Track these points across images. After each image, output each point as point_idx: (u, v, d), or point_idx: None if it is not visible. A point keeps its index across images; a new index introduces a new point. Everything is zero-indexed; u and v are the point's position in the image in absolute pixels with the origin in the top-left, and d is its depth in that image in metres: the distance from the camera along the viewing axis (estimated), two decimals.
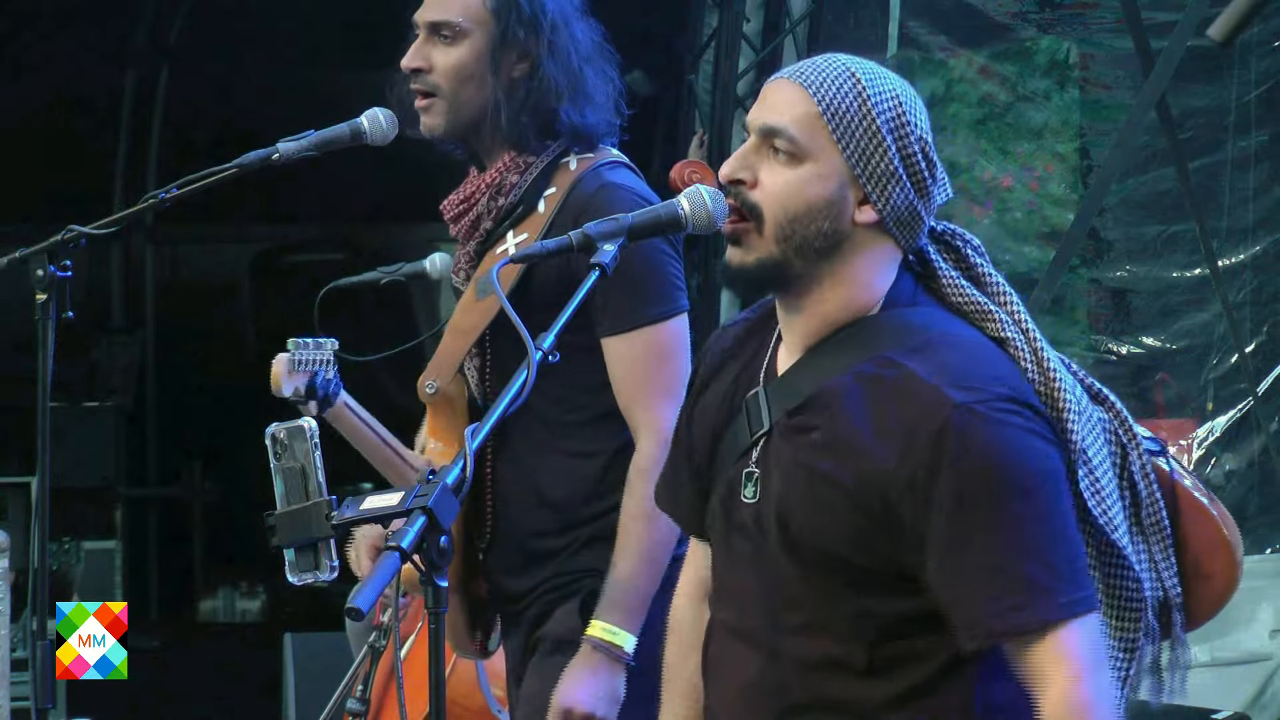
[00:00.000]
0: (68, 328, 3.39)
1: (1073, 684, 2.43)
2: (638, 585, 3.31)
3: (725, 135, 8.15)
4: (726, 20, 8.21)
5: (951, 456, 2.44)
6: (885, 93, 2.57)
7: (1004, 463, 2.44)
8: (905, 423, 2.47)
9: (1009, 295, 2.62)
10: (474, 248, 3.47)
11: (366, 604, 2.31)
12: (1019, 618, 2.44)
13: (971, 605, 2.46)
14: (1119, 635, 2.57)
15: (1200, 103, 7.63)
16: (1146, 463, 2.62)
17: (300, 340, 3.38)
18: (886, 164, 2.55)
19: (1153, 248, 7.87)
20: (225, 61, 10.84)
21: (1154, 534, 2.61)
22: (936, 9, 8.02)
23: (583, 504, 3.40)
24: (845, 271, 2.58)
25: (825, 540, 2.53)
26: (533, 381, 2.57)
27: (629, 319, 3.35)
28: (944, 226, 2.67)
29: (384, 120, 3.47)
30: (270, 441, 2.91)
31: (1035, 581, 2.43)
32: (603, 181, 3.41)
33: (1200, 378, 7.54)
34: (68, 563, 9.21)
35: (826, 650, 2.55)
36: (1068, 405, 2.53)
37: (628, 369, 3.36)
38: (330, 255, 11.38)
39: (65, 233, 3.43)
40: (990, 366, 2.52)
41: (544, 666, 3.40)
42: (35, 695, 3.43)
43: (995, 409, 2.46)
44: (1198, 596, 2.64)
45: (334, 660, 5.47)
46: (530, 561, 3.43)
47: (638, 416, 3.36)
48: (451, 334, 3.47)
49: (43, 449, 3.55)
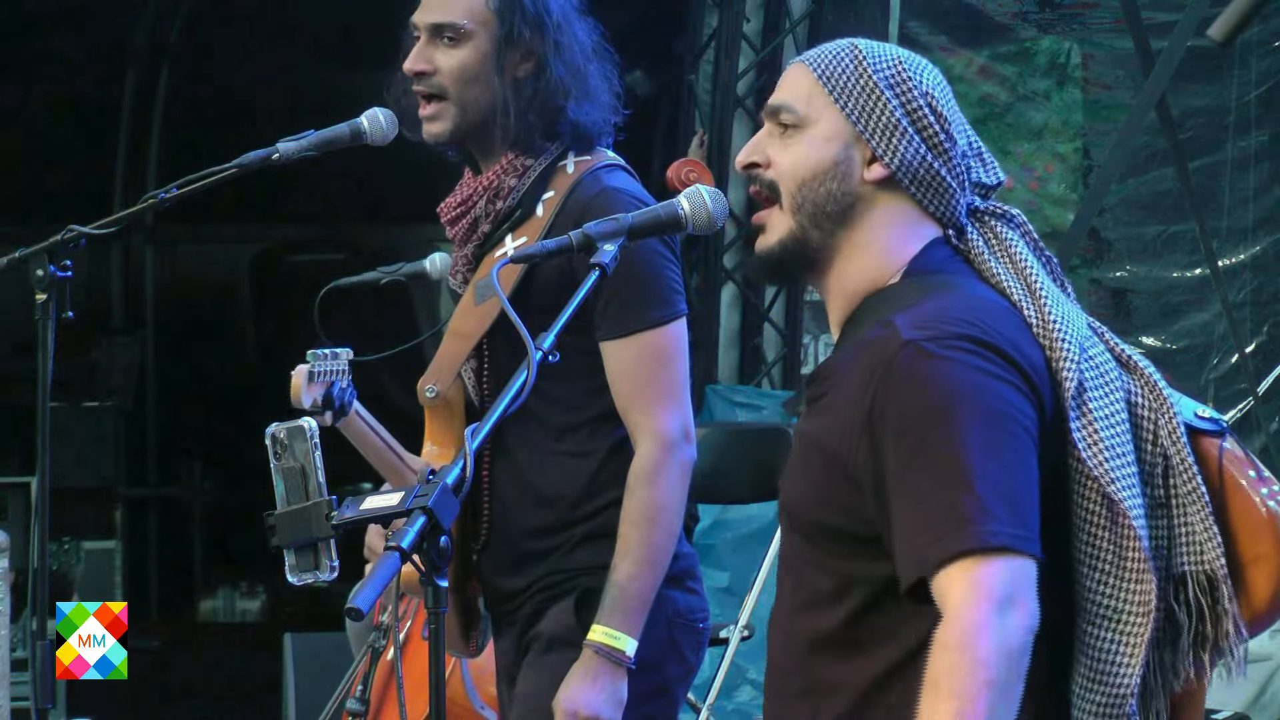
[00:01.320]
0: (68, 328, 3.39)
1: (969, 611, 2.31)
2: (638, 589, 3.31)
3: (725, 135, 8.15)
4: (726, 20, 8.21)
5: (890, 390, 2.40)
6: (884, 55, 2.57)
7: (936, 393, 2.38)
8: (865, 372, 2.44)
9: (1027, 262, 2.57)
10: (472, 250, 3.46)
11: (366, 604, 2.31)
12: (938, 547, 2.34)
13: (902, 541, 2.39)
14: (1128, 595, 2.48)
15: (1200, 103, 7.64)
16: (1178, 429, 2.53)
17: (318, 351, 3.38)
18: (888, 116, 2.54)
19: (1153, 248, 7.88)
20: (225, 61, 10.83)
21: (1191, 502, 2.52)
22: (936, 9, 8.03)
23: (577, 503, 3.40)
24: (862, 237, 2.56)
25: (810, 507, 2.52)
26: (533, 382, 2.57)
27: (628, 323, 3.35)
28: (989, 204, 2.62)
29: (384, 120, 3.47)
30: (270, 441, 2.91)
31: (958, 512, 2.34)
32: (602, 185, 3.39)
33: (1200, 378, 7.55)
34: (68, 563, 9.20)
35: (816, 626, 2.52)
36: (1065, 352, 2.47)
37: (627, 373, 3.36)
38: (330, 255, 11.38)
39: (65, 233, 3.43)
40: (972, 313, 2.46)
41: (539, 665, 3.40)
42: (35, 695, 3.43)
43: (944, 345, 2.40)
44: (1253, 583, 2.53)
45: (334, 660, 5.48)
46: (525, 561, 3.43)
47: (636, 421, 3.35)
48: (451, 338, 3.47)
49: (43, 449, 3.55)
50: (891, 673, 2.48)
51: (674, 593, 3.41)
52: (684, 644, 3.44)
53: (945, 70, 2.64)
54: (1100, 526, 2.48)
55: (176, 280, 11.94)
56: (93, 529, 9.82)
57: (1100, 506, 2.48)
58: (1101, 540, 2.49)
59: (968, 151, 2.60)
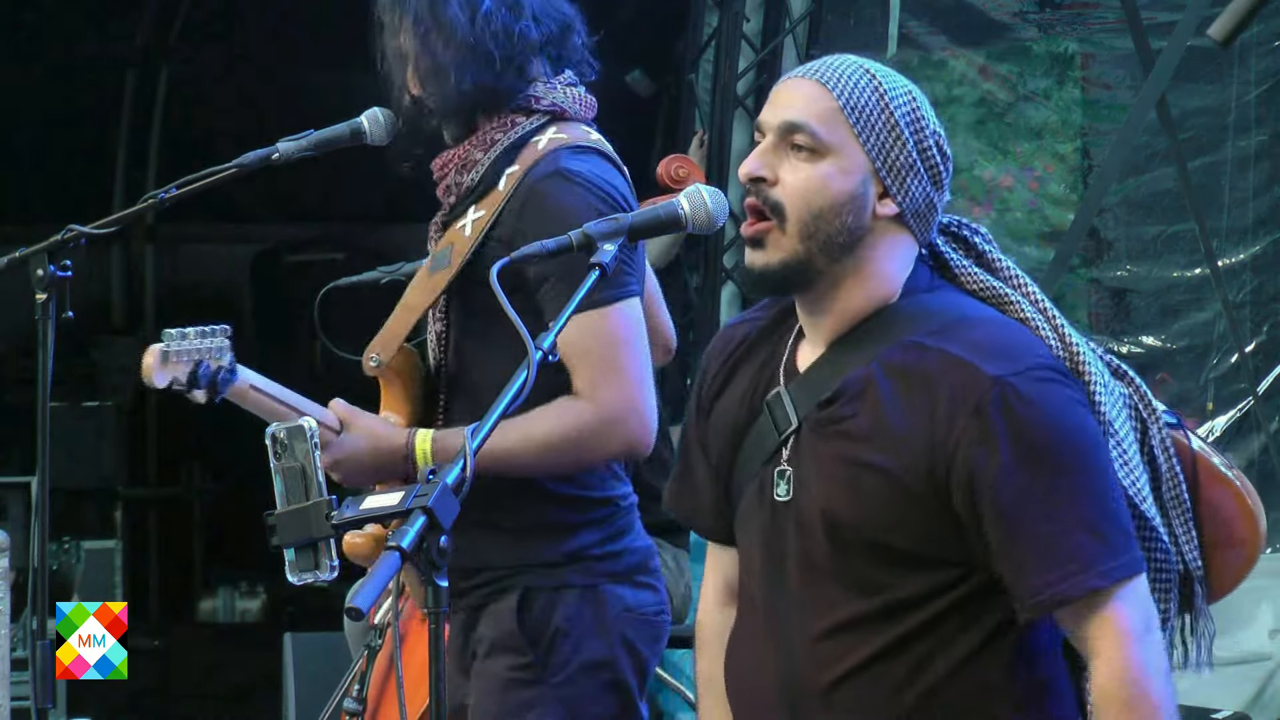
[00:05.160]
0: (68, 328, 3.39)
1: (1123, 652, 2.46)
2: (508, 451, 3.18)
3: (725, 135, 8.14)
4: (726, 20, 8.20)
5: (996, 429, 2.46)
6: (900, 89, 2.60)
7: (1048, 430, 2.48)
8: (943, 402, 2.49)
9: (1022, 278, 2.65)
10: (440, 219, 3.45)
11: (366, 603, 2.31)
12: (1066, 586, 2.46)
13: (1025, 576, 2.48)
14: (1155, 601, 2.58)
15: (1200, 102, 7.63)
16: (1166, 436, 2.63)
17: (176, 331, 3.28)
18: (905, 157, 2.57)
19: (1153, 247, 7.87)
20: (225, 62, 10.83)
21: (1174, 508, 2.63)
22: (936, 8, 8.01)
23: (520, 490, 3.31)
24: (866, 267, 2.59)
25: (874, 531, 2.54)
26: (533, 381, 2.57)
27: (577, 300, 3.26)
28: (950, 219, 2.68)
29: (384, 120, 3.47)
30: (270, 441, 2.91)
31: (1085, 549, 2.46)
32: (557, 167, 3.29)
33: (1200, 377, 7.54)
34: (68, 563, 9.19)
35: (857, 649, 2.55)
36: (1093, 378, 2.55)
37: (569, 350, 3.20)
38: (330, 255, 11.37)
39: (65, 233, 3.43)
40: (1020, 339, 2.55)
41: (484, 674, 3.35)
42: (35, 695, 3.43)
43: (1034, 378, 2.49)
44: (1223, 565, 2.66)
45: (334, 660, 5.47)
46: (462, 549, 3.35)
47: (584, 392, 3.25)
48: (401, 309, 3.41)
49: (43, 449, 3.55)
50: (939, 687, 2.54)
51: (621, 589, 3.37)
52: (636, 639, 3.38)
53: (945, 70, 2.66)
54: None
55: (176, 280, 11.94)
56: (93, 529, 9.83)
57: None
58: None
59: None
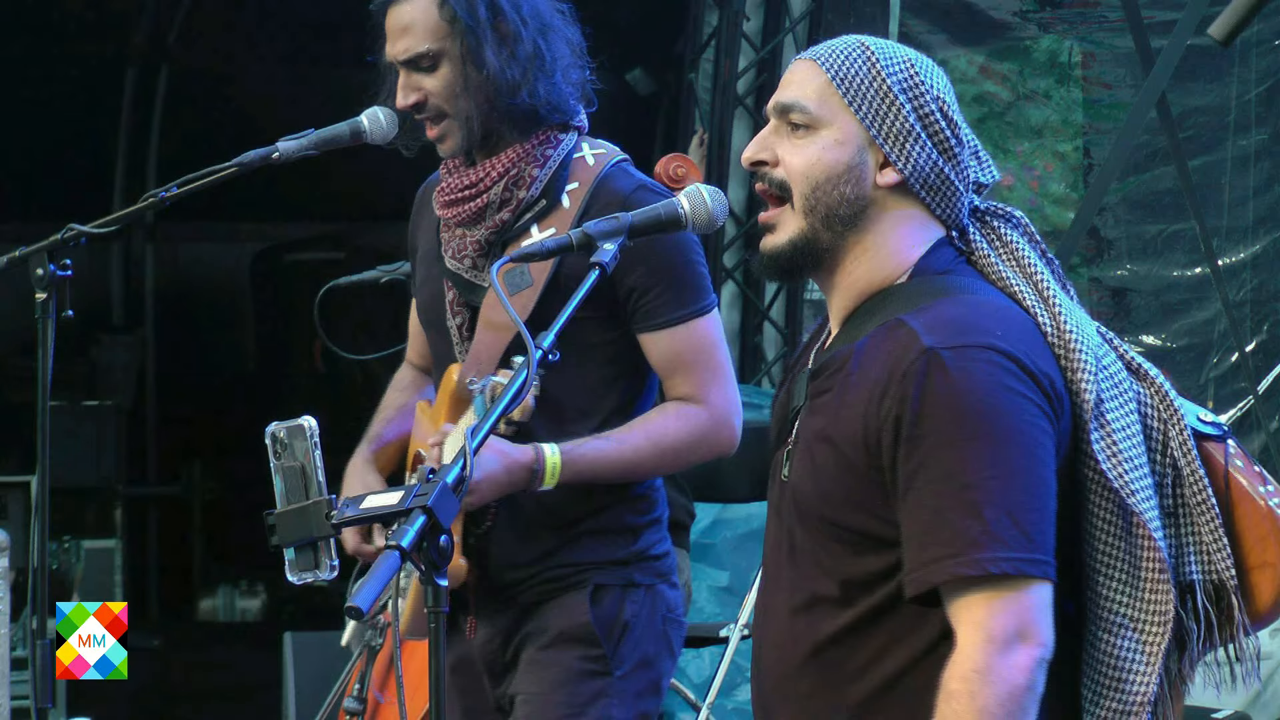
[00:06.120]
0: (68, 328, 3.39)
1: (974, 651, 2.38)
2: (637, 455, 3.36)
3: (725, 135, 8.15)
4: (726, 19, 8.21)
5: (911, 398, 2.42)
6: (896, 57, 2.58)
7: (960, 405, 2.41)
8: (884, 373, 2.46)
9: (1035, 266, 2.59)
10: (485, 236, 3.44)
11: (366, 603, 2.31)
12: (936, 568, 2.40)
13: (912, 551, 2.43)
14: (1145, 604, 2.50)
15: (1200, 101, 7.64)
16: (1188, 439, 2.55)
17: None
18: (902, 122, 2.55)
19: (1153, 246, 7.87)
20: (225, 61, 10.83)
21: (1201, 512, 2.54)
22: (936, 8, 8.02)
23: (589, 493, 3.39)
24: (872, 240, 2.58)
25: (826, 507, 2.52)
26: (533, 380, 2.57)
27: (673, 313, 3.38)
28: (988, 205, 2.64)
29: (384, 119, 3.48)
30: (270, 441, 2.91)
31: (964, 534, 2.38)
32: (637, 181, 3.43)
33: (1200, 376, 7.54)
34: (68, 562, 9.20)
35: (818, 630, 2.53)
36: (1083, 365, 2.49)
37: (676, 360, 3.40)
38: (330, 255, 11.37)
39: (65, 232, 3.44)
40: (992, 322, 2.49)
41: (545, 662, 3.38)
42: (35, 695, 3.43)
43: (968, 355, 2.43)
44: (1258, 586, 2.55)
45: (334, 660, 5.47)
46: (531, 548, 3.41)
47: (695, 396, 3.43)
48: (486, 328, 3.44)
49: (43, 449, 3.55)
50: (898, 677, 2.49)
51: (666, 589, 3.42)
52: (674, 639, 3.44)
53: (945, 69, 2.64)
54: (1116, 536, 2.50)
55: (176, 280, 11.94)
56: (93, 529, 9.83)
57: (1116, 516, 2.50)
58: (1116, 550, 2.50)
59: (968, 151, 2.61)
